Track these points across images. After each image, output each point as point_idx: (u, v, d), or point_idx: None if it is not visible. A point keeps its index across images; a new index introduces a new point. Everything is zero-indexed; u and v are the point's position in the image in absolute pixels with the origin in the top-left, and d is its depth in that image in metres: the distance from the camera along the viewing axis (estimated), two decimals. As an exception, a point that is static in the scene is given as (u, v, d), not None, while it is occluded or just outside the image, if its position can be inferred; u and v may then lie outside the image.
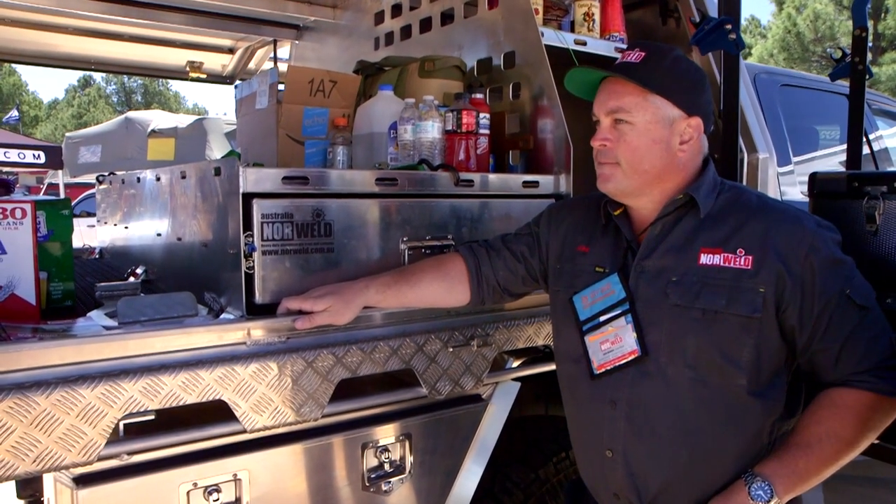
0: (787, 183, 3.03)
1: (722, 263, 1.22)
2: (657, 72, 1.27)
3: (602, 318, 1.31)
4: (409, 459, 1.59)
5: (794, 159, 3.11)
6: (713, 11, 2.20)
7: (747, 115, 2.29)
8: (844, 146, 2.35)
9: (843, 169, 3.07)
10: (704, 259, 1.24)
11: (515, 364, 1.79)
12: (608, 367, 1.29)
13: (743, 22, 2.01)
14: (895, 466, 1.63)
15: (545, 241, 1.51)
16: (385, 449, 1.55)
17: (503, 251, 1.54)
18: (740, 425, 1.23)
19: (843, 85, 2.36)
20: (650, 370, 1.26)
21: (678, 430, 1.25)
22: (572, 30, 2.18)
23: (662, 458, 1.26)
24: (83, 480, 1.23)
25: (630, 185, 1.30)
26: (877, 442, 1.59)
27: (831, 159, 3.34)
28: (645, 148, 1.27)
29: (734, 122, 1.99)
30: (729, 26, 1.73)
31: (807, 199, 1.76)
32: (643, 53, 1.28)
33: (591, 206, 1.44)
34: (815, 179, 1.66)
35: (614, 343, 1.28)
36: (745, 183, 2.26)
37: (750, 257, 1.21)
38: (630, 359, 1.27)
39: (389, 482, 1.56)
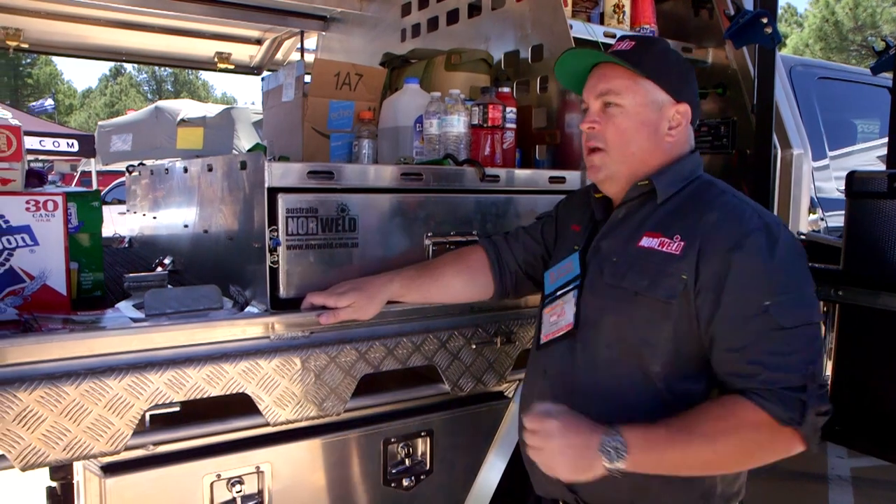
0: (822, 178, 2.96)
1: (656, 247, 1.22)
2: (647, 56, 1.28)
3: (559, 293, 1.34)
4: (431, 456, 1.59)
5: (830, 153, 3.03)
6: (748, 2, 2.14)
7: (782, 110, 2.23)
8: (883, 140, 2.28)
9: (881, 164, 2.98)
10: (644, 242, 1.24)
11: (539, 361, 1.77)
12: (549, 339, 1.33)
13: (778, 10, 1.94)
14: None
15: (560, 223, 1.52)
16: (407, 445, 1.56)
17: (522, 236, 1.55)
18: (655, 413, 1.17)
19: (885, 77, 2.29)
20: (576, 345, 1.28)
21: (594, 406, 1.21)
22: (602, 22, 2.14)
23: None
24: (111, 469, 1.25)
25: (618, 171, 1.30)
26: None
27: (869, 153, 3.25)
28: (633, 130, 1.28)
29: (769, 117, 1.94)
30: (765, 19, 1.68)
31: (842, 196, 1.72)
32: (633, 42, 1.30)
33: (588, 191, 1.47)
34: (852, 178, 1.61)
35: (559, 316, 1.31)
36: (777, 179, 2.21)
37: (682, 243, 1.19)
38: (565, 331, 1.29)
39: (410, 478, 1.56)
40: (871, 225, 1.62)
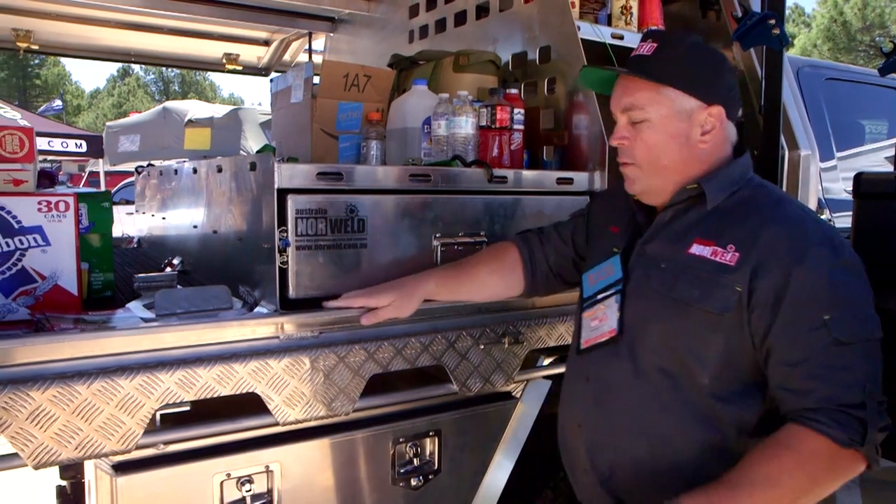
0: (830, 179, 2.95)
1: (709, 256, 1.17)
2: (669, 62, 1.22)
3: (599, 297, 1.31)
4: (439, 455, 1.59)
5: (838, 154, 3.02)
6: (755, 4, 2.14)
7: (789, 111, 2.23)
8: (891, 141, 2.27)
9: (889, 165, 2.97)
10: (694, 249, 1.19)
11: (547, 362, 1.78)
12: (590, 344, 1.30)
13: (786, 12, 1.94)
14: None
15: (593, 223, 1.50)
16: (415, 444, 1.56)
17: (553, 235, 1.54)
18: (701, 428, 1.18)
19: (893, 78, 2.28)
20: (621, 351, 1.25)
21: (637, 417, 1.22)
22: (609, 23, 2.14)
23: (620, 442, 1.24)
24: (122, 468, 1.27)
25: (653, 184, 1.28)
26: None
27: (877, 154, 3.23)
28: (662, 143, 1.23)
29: (776, 119, 1.94)
30: (773, 21, 1.67)
31: (850, 197, 1.71)
32: (655, 44, 1.24)
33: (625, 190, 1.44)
34: (860, 180, 1.61)
35: (601, 321, 1.29)
36: (785, 180, 2.20)
37: (738, 254, 1.15)
38: (608, 337, 1.26)
39: (419, 478, 1.57)
40: (878, 226, 1.61)
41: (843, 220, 2.78)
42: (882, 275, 1.62)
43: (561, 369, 1.75)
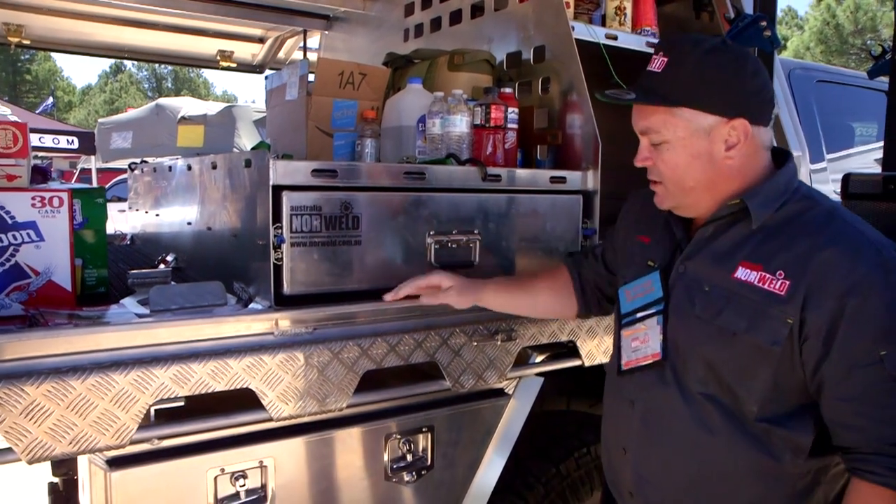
0: (820, 180, 2.98)
1: (756, 282, 1.11)
2: (679, 80, 1.15)
3: (639, 315, 1.26)
4: (432, 451, 1.60)
5: (828, 156, 3.05)
6: (748, 6, 2.16)
7: (781, 113, 2.25)
8: (881, 143, 2.30)
9: (878, 167, 3.00)
10: (740, 273, 1.13)
11: (539, 359, 1.79)
12: (633, 366, 1.26)
13: (779, 13, 1.97)
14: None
15: (622, 235, 1.46)
16: (408, 440, 1.57)
17: (591, 256, 1.54)
18: (753, 452, 1.14)
19: (883, 81, 2.31)
20: (667, 377, 1.21)
21: (688, 443, 1.18)
22: (603, 24, 2.15)
23: (671, 468, 1.22)
24: (116, 463, 1.27)
25: (684, 202, 1.23)
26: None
27: (867, 156, 3.27)
28: (684, 165, 1.17)
29: (767, 119, 1.95)
30: (764, 23, 1.69)
31: (839, 198, 1.73)
32: (665, 59, 1.17)
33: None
34: (848, 180, 1.63)
35: (643, 342, 1.24)
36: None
37: (787, 282, 1.08)
38: (651, 361, 1.23)
39: (412, 473, 1.58)
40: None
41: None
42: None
43: (553, 366, 1.77)
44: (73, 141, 9.35)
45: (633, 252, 1.36)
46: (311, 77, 1.94)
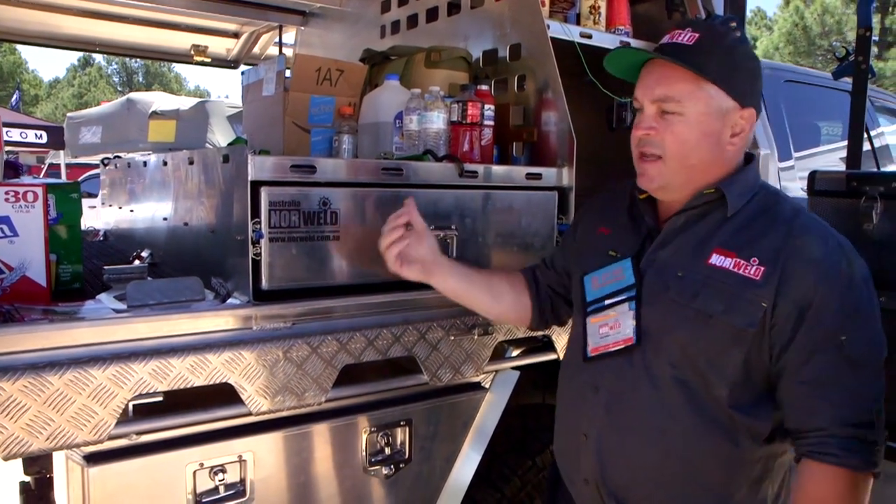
0: (788, 178, 3.05)
1: (731, 268, 1.15)
2: (713, 57, 1.15)
3: (607, 302, 1.27)
4: (410, 445, 1.62)
5: (796, 154, 3.13)
6: (719, 8, 2.21)
7: (750, 111, 2.31)
8: (845, 142, 2.37)
9: (843, 166, 3.09)
10: (715, 259, 1.16)
11: (515, 353, 1.82)
12: (601, 352, 1.26)
13: (748, 14, 2.03)
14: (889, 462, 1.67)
15: (583, 231, 1.46)
16: (386, 434, 1.59)
17: (548, 266, 1.52)
18: (720, 435, 1.17)
19: (847, 82, 2.38)
20: (635, 361, 1.22)
21: (653, 428, 1.20)
22: (578, 22, 2.19)
23: (634, 453, 1.23)
24: (93, 459, 1.26)
25: (675, 181, 1.22)
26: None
27: (832, 155, 3.35)
28: (694, 141, 1.18)
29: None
30: (734, 24, 1.74)
31: (806, 195, 1.79)
32: (696, 35, 1.17)
33: (619, 192, 1.40)
34: (814, 178, 1.68)
35: (613, 328, 1.25)
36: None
37: (762, 268, 1.13)
38: (623, 346, 1.23)
39: (390, 466, 1.59)
40: (831, 222, 1.69)
41: (800, 218, 2.88)
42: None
43: (529, 360, 1.80)
44: (41, 135, 9.14)
45: (594, 243, 1.37)
46: (288, 73, 1.94)
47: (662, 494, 1.22)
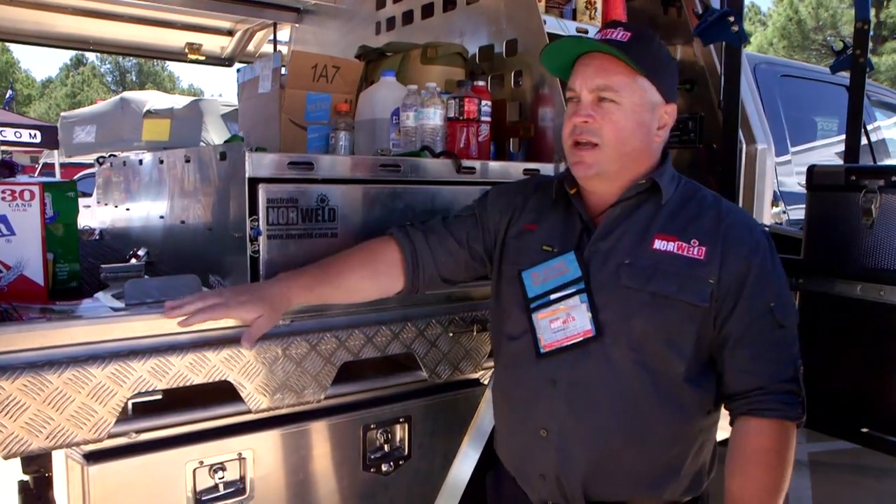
0: (784, 173, 3.06)
1: (676, 251, 1.23)
2: (646, 52, 1.24)
3: (553, 297, 1.27)
4: (409, 441, 1.62)
5: (792, 149, 3.14)
6: (715, 2, 2.21)
7: (747, 107, 2.31)
8: (842, 137, 2.37)
9: (839, 160, 3.10)
10: (658, 245, 1.24)
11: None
12: (557, 347, 1.25)
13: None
14: (882, 455, 1.68)
15: (491, 223, 1.43)
16: (385, 431, 1.59)
17: (445, 237, 1.44)
18: (675, 412, 1.24)
19: (843, 76, 2.38)
20: (592, 350, 1.23)
21: (616, 412, 1.23)
22: (574, 18, 2.19)
23: (598, 438, 1.24)
24: (93, 457, 1.26)
25: (611, 169, 1.27)
26: (865, 430, 1.64)
27: (829, 149, 3.36)
28: (630, 130, 1.25)
29: (735, 113, 2.01)
30: (732, 18, 1.74)
31: (803, 190, 1.79)
32: (629, 34, 1.24)
33: (541, 186, 1.42)
34: (812, 172, 1.68)
35: (566, 322, 1.25)
36: (742, 173, 2.29)
37: (703, 248, 1.23)
38: (582, 339, 1.23)
39: (389, 463, 1.59)
40: (829, 217, 1.70)
41: (797, 213, 2.89)
42: (832, 262, 1.71)
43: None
44: (35, 135, 9.11)
45: (522, 240, 1.37)
46: (284, 70, 1.94)
47: (622, 475, 1.26)
